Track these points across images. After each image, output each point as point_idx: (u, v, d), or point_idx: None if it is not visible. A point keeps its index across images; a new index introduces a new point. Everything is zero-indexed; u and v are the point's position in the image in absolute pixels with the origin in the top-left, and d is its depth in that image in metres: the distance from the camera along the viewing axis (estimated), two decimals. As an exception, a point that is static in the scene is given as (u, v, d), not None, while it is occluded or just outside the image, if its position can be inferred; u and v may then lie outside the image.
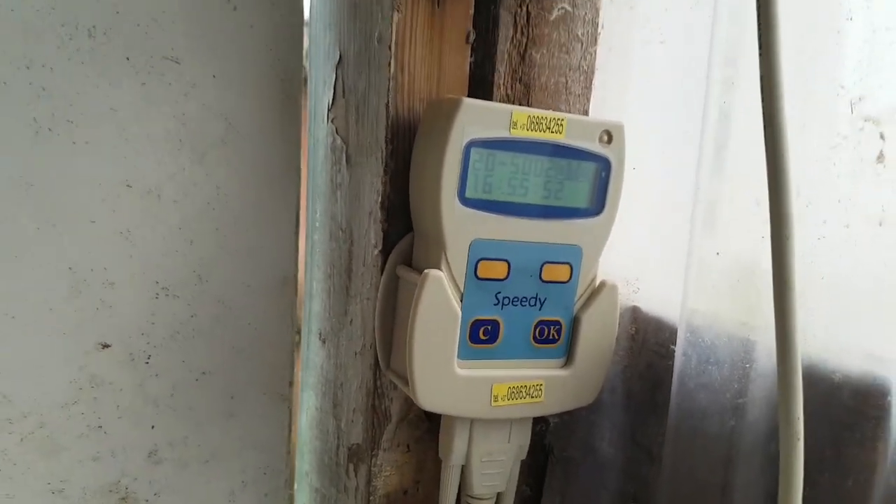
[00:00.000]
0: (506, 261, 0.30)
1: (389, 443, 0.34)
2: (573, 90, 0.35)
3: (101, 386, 0.35)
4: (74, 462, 0.35)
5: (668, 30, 0.32)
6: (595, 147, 0.30)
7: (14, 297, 0.32)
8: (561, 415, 0.37)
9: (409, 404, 0.34)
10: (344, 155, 0.36)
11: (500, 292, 0.30)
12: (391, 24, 0.30)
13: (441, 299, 0.28)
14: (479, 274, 0.29)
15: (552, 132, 0.29)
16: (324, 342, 0.39)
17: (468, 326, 0.30)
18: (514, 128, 0.29)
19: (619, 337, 0.34)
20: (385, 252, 0.32)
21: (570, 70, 0.34)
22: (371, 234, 0.33)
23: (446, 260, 0.29)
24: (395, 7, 0.30)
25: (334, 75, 0.36)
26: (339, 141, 0.36)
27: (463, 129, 0.28)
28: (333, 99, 0.36)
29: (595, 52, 0.35)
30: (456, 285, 0.29)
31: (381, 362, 0.33)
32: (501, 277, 0.30)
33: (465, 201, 0.28)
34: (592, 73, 0.35)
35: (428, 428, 0.34)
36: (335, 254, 0.37)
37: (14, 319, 0.33)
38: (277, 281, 0.38)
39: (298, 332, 0.41)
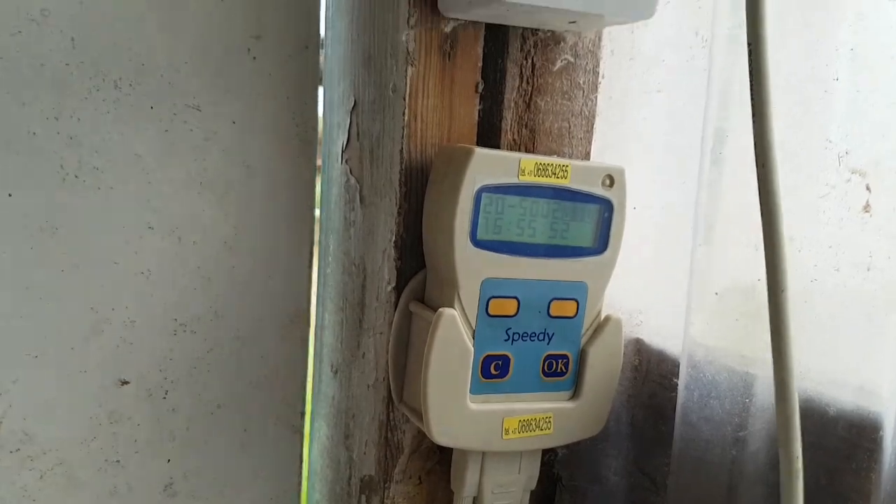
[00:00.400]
0: (515, 298, 0.31)
1: (402, 474, 0.35)
2: (575, 134, 0.36)
3: (119, 422, 0.36)
4: (93, 497, 0.36)
5: (665, 80, 0.34)
6: (598, 190, 0.32)
7: (37, 337, 0.33)
8: (569, 445, 0.38)
9: (421, 436, 0.35)
10: (358, 194, 0.37)
11: (510, 328, 0.31)
12: (406, 77, 0.32)
13: (454, 336, 0.30)
14: (491, 311, 0.31)
15: (558, 177, 0.31)
16: (336, 374, 0.40)
17: (480, 362, 0.31)
18: (522, 174, 0.30)
19: (622, 368, 0.35)
20: (398, 288, 0.33)
21: (572, 116, 0.36)
22: (385, 271, 0.34)
23: (459, 298, 0.30)
24: (409, 62, 0.32)
25: (349, 120, 0.38)
26: (353, 181, 0.38)
27: (474, 176, 0.29)
28: (348, 142, 0.38)
29: (595, 98, 0.37)
30: (468, 322, 0.30)
31: (393, 396, 0.34)
32: (511, 314, 0.31)
33: (477, 243, 0.30)
34: (593, 118, 0.37)
35: (439, 460, 0.35)
36: (348, 288, 0.38)
37: (37, 359, 0.33)
38: (290, 315, 0.39)
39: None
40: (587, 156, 0.37)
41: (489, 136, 0.35)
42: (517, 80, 0.35)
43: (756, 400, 0.29)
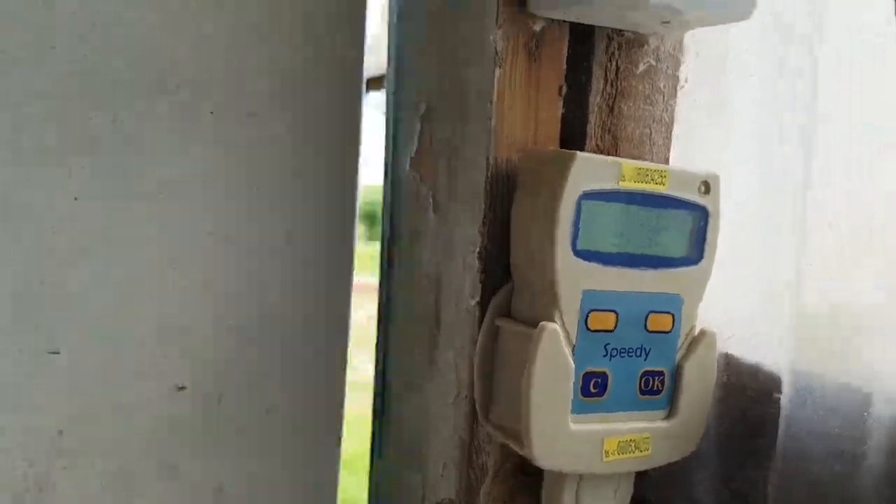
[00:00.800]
0: (614, 311, 0.30)
1: (486, 497, 0.33)
2: (656, 141, 0.35)
3: (176, 427, 0.33)
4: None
5: (758, 85, 0.33)
6: (694, 197, 0.31)
7: (100, 342, 0.31)
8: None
9: (504, 457, 0.33)
10: (430, 204, 0.35)
11: (608, 343, 0.30)
12: (493, 79, 0.31)
13: (557, 352, 0.28)
14: (590, 325, 0.29)
15: (656, 183, 0.30)
16: (403, 392, 0.38)
17: (580, 379, 0.29)
18: (622, 180, 0.29)
19: (711, 384, 0.33)
20: (482, 303, 0.32)
21: (653, 121, 0.35)
22: (466, 285, 0.32)
23: (559, 312, 0.28)
24: (496, 63, 0.31)
25: (419, 126, 0.36)
26: (424, 190, 0.36)
27: (576, 182, 0.28)
28: (418, 149, 0.36)
29: (674, 104, 0.35)
30: (568, 337, 0.29)
31: (479, 415, 0.32)
32: (610, 328, 0.30)
33: (578, 253, 0.28)
34: (672, 124, 0.36)
35: (522, 483, 0.34)
36: (419, 302, 0.36)
37: (98, 365, 0.31)
38: (336, 320, 0.38)
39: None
40: (665, 163, 0.36)
41: (572, 141, 0.33)
42: (602, 84, 0.33)
43: (874, 411, 0.27)
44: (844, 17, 0.29)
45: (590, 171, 0.28)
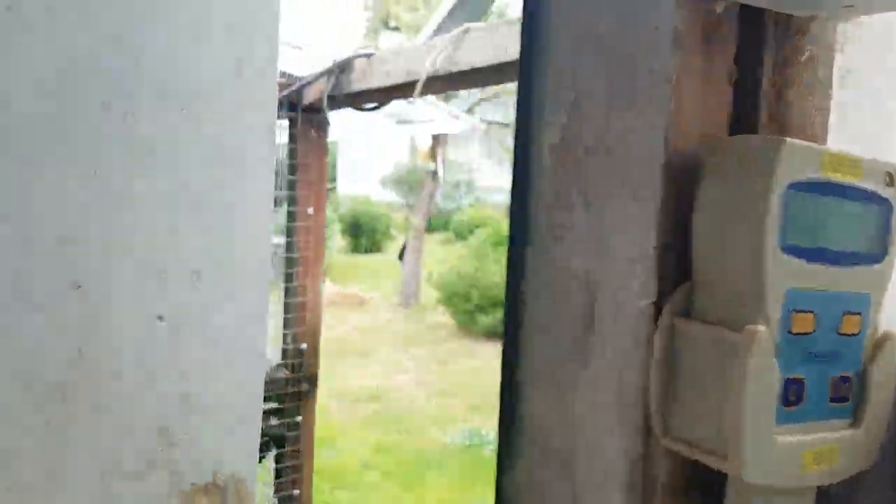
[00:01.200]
0: (812, 312, 0.28)
1: (656, 518, 0.30)
2: (815, 130, 0.33)
3: (158, 343, 0.37)
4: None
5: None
6: (881, 190, 0.29)
7: (109, 281, 0.35)
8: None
9: (676, 474, 0.30)
10: (578, 200, 0.33)
11: (806, 347, 0.28)
12: (670, 62, 0.29)
13: (767, 359, 0.26)
14: (793, 328, 0.27)
15: (851, 175, 0.28)
16: (541, 398, 0.35)
17: (782, 387, 0.27)
18: (823, 169, 0.27)
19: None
20: (658, 303, 0.29)
21: (813, 110, 0.33)
22: (635, 284, 0.30)
23: (765, 313, 0.26)
24: (676, 45, 0.28)
25: (564, 117, 0.34)
26: (568, 186, 0.33)
27: (786, 171, 0.26)
28: (561, 142, 0.34)
29: (831, 93, 0.34)
30: (772, 342, 0.26)
31: (656, 427, 0.29)
32: (809, 331, 0.28)
33: (786, 248, 0.26)
34: (828, 113, 0.34)
35: (695, 501, 0.31)
36: (563, 305, 0.34)
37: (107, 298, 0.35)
38: (257, 273, 0.41)
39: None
40: (820, 156, 0.34)
41: (740, 129, 0.31)
42: (770, 71, 0.31)
43: None
44: None
45: (797, 159, 0.26)
